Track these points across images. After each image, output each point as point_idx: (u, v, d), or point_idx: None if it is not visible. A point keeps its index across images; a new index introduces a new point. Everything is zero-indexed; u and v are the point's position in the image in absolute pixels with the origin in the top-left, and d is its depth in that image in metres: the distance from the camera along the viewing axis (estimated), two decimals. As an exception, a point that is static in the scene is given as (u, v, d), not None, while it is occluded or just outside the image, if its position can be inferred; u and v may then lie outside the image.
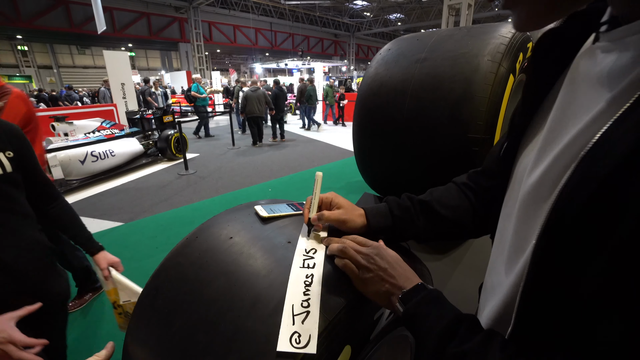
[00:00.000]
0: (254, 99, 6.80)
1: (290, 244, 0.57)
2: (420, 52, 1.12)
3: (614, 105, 0.28)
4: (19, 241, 0.93)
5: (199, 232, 0.66)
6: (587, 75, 0.33)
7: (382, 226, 0.61)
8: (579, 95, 0.33)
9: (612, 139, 0.27)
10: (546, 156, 0.35)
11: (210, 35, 20.61)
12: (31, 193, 1.03)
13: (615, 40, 0.31)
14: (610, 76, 0.30)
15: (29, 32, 16.08)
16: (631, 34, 0.29)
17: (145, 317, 0.59)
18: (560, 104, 0.36)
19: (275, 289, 0.48)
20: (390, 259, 0.48)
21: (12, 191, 0.94)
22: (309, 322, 0.43)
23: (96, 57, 20.73)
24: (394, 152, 1.14)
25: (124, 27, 17.23)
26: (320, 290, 0.47)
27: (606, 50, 0.32)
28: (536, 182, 0.35)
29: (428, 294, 0.42)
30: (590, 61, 0.33)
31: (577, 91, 0.34)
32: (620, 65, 0.29)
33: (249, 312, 0.46)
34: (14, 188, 0.95)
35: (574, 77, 0.35)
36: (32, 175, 1.01)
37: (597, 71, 0.32)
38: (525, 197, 0.37)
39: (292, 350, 0.41)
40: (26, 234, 0.96)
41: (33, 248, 0.97)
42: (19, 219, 0.95)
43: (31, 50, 18.55)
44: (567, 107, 0.35)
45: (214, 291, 0.52)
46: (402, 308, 0.42)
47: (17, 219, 0.94)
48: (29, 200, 1.01)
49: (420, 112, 1.05)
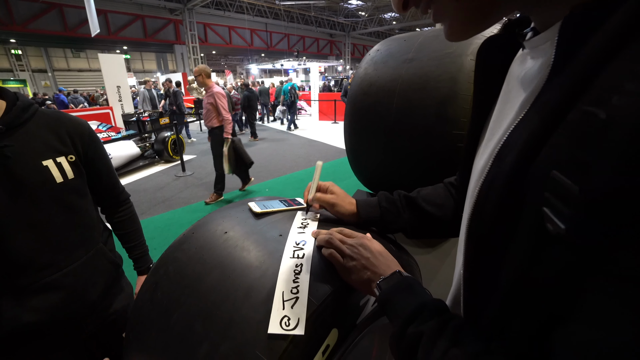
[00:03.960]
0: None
1: (282, 236, 0.61)
2: (408, 52, 1.15)
3: (522, 108, 0.32)
4: (80, 257, 0.82)
5: (196, 228, 0.69)
6: (516, 78, 0.36)
7: (371, 216, 0.65)
8: (511, 97, 0.37)
9: (513, 141, 0.30)
10: (485, 154, 0.38)
11: (205, 36, 20.58)
12: (95, 198, 0.92)
13: (533, 48, 0.34)
14: (526, 80, 0.33)
15: (23, 36, 15.99)
16: (542, 42, 0.32)
17: (145, 310, 0.62)
18: (498, 106, 0.40)
19: (267, 279, 0.52)
20: (374, 249, 0.52)
21: (75, 200, 0.81)
22: (297, 307, 0.47)
23: (91, 60, 20.65)
24: (384, 150, 1.18)
25: (118, 29, 17.17)
26: (309, 278, 0.50)
27: (529, 56, 0.35)
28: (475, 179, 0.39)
29: (402, 280, 0.45)
30: (520, 66, 0.37)
31: (510, 93, 0.37)
32: (533, 71, 0.32)
33: (242, 301, 0.50)
34: (77, 197, 0.82)
35: (509, 79, 0.39)
36: (97, 180, 0.89)
37: (522, 75, 0.35)
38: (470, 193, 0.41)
39: (283, 332, 0.44)
40: (88, 250, 0.84)
41: (95, 264, 0.85)
42: (82, 231, 0.83)
43: (25, 54, 18.44)
44: (502, 108, 0.39)
45: (210, 283, 0.55)
46: (378, 294, 0.46)
47: (79, 233, 0.82)
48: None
49: (408, 110, 1.08)
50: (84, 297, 0.82)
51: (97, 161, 0.88)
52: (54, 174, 0.75)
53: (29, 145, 0.73)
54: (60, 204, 0.77)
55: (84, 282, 0.82)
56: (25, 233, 0.71)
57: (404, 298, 0.42)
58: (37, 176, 0.73)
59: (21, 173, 0.70)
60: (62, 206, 0.77)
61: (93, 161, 0.86)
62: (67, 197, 0.79)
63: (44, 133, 0.76)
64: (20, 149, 0.71)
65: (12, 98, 0.74)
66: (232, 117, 3.93)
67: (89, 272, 0.83)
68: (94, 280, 0.85)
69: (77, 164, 0.81)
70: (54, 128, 0.78)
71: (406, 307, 0.40)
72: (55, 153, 0.76)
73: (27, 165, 0.71)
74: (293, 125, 9.76)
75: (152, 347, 0.56)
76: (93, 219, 0.87)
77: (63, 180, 0.77)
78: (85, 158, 0.84)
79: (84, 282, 0.82)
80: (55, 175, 0.75)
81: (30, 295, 0.72)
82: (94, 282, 0.84)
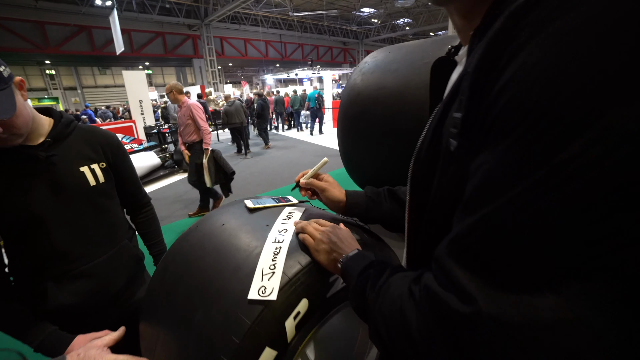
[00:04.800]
0: (232, 112, 7.29)
1: (268, 226, 0.72)
2: (392, 63, 1.25)
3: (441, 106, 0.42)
4: (107, 251, 0.93)
5: (199, 222, 0.82)
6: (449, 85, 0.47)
7: (356, 202, 0.76)
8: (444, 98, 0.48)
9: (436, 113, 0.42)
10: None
11: (222, 49, 21.35)
12: (121, 201, 1.04)
13: (459, 62, 0.44)
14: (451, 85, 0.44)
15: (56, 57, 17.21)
16: (463, 55, 0.42)
17: (156, 290, 0.75)
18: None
19: (252, 259, 0.63)
20: (341, 235, 0.61)
21: (104, 202, 0.94)
22: (273, 279, 0.57)
23: (116, 77, 21.82)
24: (373, 154, 1.28)
25: (141, 47, 18.13)
26: (285, 257, 0.61)
27: (458, 68, 0.45)
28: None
29: (359, 253, 0.54)
30: (453, 76, 0.47)
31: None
32: (454, 78, 0.43)
33: (231, 276, 0.61)
34: (106, 198, 0.95)
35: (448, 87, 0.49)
36: (123, 184, 1.02)
37: (452, 82, 0.46)
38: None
39: (259, 298, 0.55)
40: (115, 244, 0.96)
41: (121, 258, 0.97)
42: (109, 228, 0.95)
43: (58, 73, 19.76)
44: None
45: (207, 263, 0.66)
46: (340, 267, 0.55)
47: (107, 228, 0.94)
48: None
49: (391, 117, 1.18)
50: (111, 285, 0.94)
51: (123, 168, 1.01)
52: (88, 178, 0.89)
53: (69, 154, 0.87)
54: (92, 204, 0.90)
55: (110, 273, 0.94)
56: (63, 228, 0.84)
57: (357, 263, 0.51)
58: (75, 179, 0.86)
59: (62, 177, 0.84)
60: (93, 206, 0.90)
61: (120, 168, 1.00)
62: (98, 198, 0.92)
63: (81, 144, 0.90)
64: (63, 157, 0.85)
65: (58, 116, 0.89)
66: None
67: (115, 264, 0.95)
68: (119, 272, 0.97)
69: (107, 170, 0.94)
70: (89, 140, 0.93)
71: (357, 267, 0.50)
72: (89, 161, 0.90)
73: (67, 171, 0.85)
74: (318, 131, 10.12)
75: (160, 317, 0.68)
76: (119, 218, 1.00)
77: (95, 184, 0.90)
78: (114, 165, 0.97)
79: (111, 273, 0.94)
80: (89, 179, 0.89)
81: (68, 281, 0.86)
82: (119, 274, 0.96)
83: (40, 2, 14.29)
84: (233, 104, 7.34)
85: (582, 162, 0.22)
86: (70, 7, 15.07)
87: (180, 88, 3.60)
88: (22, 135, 0.76)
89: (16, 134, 0.74)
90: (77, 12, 15.30)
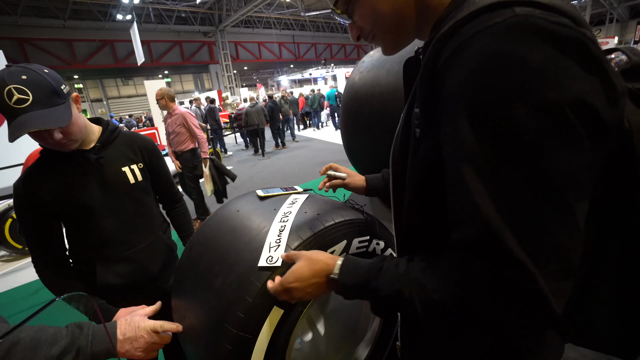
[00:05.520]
0: (253, 113, 7.50)
1: (275, 210, 0.84)
2: (386, 62, 1.33)
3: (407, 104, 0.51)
4: (145, 240, 1.07)
5: (218, 210, 0.95)
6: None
7: (376, 185, 0.88)
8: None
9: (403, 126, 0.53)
10: None
11: (237, 54, 21.86)
12: (157, 197, 1.19)
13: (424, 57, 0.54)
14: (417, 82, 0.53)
15: (84, 72, 18.30)
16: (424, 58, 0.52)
17: (184, 266, 0.88)
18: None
19: (261, 236, 0.74)
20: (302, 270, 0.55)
21: (142, 196, 1.08)
22: (278, 251, 0.69)
23: (138, 86, 22.79)
24: (372, 148, 1.37)
25: (160, 56, 18.92)
26: (288, 234, 0.73)
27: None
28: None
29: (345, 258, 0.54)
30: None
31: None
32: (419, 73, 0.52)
33: (244, 249, 0.73)
34: (144, 194, 1.09)
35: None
36: (158, 182, 1.16)
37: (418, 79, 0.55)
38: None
39: (267, 265, 0.67)
40: (152, 234, 1.10)
41: (157, 247, 1.10)
42: (146, 220, 1.09)
43: (85, 87, 20.89)
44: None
45: (225, 241, 0.79)
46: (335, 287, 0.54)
47: (145, 220, 1.09)
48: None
49: (384, 111, 1.26)
50: (148, 270, 1.08)
51: (158, 168, 1.16)
52: (129, 177, 1.04)
53: (114, 156, 1.02)
54: (132, 199, 1.05)
55: (147, 259, 1.08)
56: (109, 218, 0.99)
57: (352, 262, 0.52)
58: (118, 178, 1.02)
59: (108, 175, 0.99)
60: (133, 200, 1.05)
61: (155, 168, 1.14)
62: (137, 194, 1.06)
63: (123, 147, 1.05)
64: (109, 159, 1.00)
65: (105, 124, 1.05)
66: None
67: (151, 252, 1.09)
68: (155, 259, 1.10)
69: (144, 170, 1.09)
70: (129, 144, 1.07)
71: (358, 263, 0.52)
72: (130, 162, 1.05)
73: (112, 170, 1.00)
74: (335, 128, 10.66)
75: (188, 287, 0.81)
76: (154, 212, 1.15)
77: (135, 182, 1.05)
78: (150, 165, 1.12)
79: (148, 259, 1.08)
80: (129, 178, 1.04)
81: (113, 263, 1.01)
82: (155, 260, 1.10)
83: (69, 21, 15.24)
84: (255, 106, 7.60)
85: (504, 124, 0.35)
86: (95, 24, 16.00)
87: (172, 95, 3.44)
88: (77, 140, 0.91)
89: (72, 140, 0.89)
90: (101, 27, 16.20)
